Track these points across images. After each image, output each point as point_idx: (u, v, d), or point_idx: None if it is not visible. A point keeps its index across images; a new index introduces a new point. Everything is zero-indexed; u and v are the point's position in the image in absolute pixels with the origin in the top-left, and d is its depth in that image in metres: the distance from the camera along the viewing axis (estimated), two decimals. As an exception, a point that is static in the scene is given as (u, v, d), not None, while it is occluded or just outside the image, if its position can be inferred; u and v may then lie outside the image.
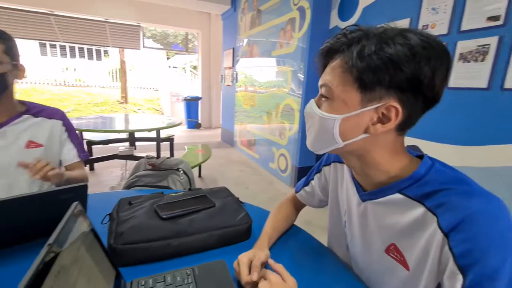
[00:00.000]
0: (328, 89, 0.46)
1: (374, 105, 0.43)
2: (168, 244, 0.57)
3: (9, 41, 0.84)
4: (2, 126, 0.86)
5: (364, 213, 0.54)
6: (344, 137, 0.46)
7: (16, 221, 0.59)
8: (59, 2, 5.21)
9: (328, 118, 0.46)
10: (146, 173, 1.13)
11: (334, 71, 0.45)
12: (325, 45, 0.48)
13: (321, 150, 0.51)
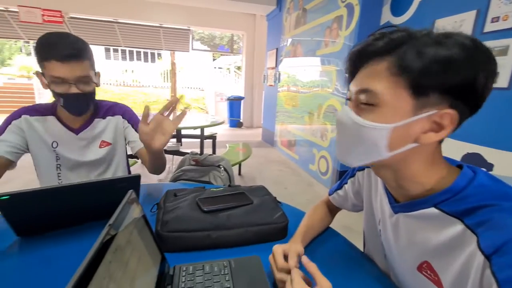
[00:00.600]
0: (373, 95, 0.41)
1: (428, 112, 0.39)
2: (208, 236, 0.61)
3: (91, 52, 0.87)
4: (79, 131, 0.96)
5: (396, 225, 0.50)
6: (391, 148, 0.42)
7: (81, 203, 0.68)
8: (122, 11, 5.81)
9: (374, 128, 0.41)
10: (190, 168, 1.21)
11: (380, 75, 0.41)
12: (360, 46, 0.44)
13: (356, 163, 0.46)
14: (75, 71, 0.81)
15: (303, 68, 3.58)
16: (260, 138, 5.51)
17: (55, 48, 0.78)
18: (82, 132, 0.97)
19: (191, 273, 0.51)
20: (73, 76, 0.81)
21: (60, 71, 0.79)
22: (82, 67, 0.82)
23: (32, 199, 0.61)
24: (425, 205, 0.44)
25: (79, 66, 0.81)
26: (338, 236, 0.72)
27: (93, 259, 0.29)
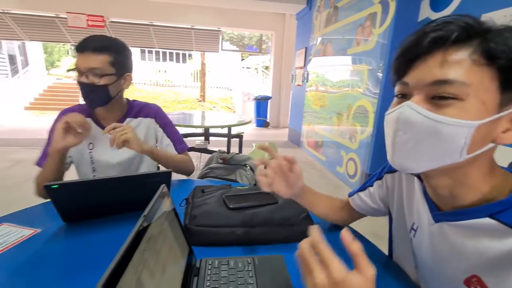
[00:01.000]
0: (456, 86, 0.35)
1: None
2: (233, 232, 0.62)
3: (118, 53, 0.90)
4: None
5: (437, 234, 0.47)
6: (471, 149, 0.37)
7: (118, 195, 0.73)
8: (157, 14, 6.10)
9: (457, 125, 0.35)
10: (217, 166, 1.24)
11: (461, 64, 0.35)
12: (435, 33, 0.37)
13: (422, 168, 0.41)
14: (87, 62, 0.86)
15: (333, 67, 3.49)
16: (286, 139, 5.47)
17: (82, 42, 0.87)
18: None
19: (216, 267, 0.53)
20: (85, 66, 0.86)
21: (77, 61, 0.87)
22: (96, 60, 0.86)
23: (77, 189, 0.68)
24: (478, 214, 0.40)
25: (93, 58, 0.86)
26: (367, 243, 0.70)
27: (130, 246, 0.32)
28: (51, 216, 0.71)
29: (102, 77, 0.88)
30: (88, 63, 0.86)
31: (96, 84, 0.87)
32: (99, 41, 0.88)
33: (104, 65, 0.87)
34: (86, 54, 0.86)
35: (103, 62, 0.87)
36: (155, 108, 1.10)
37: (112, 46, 0.90)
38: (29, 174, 0.89)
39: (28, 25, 6.32)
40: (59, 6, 5.62)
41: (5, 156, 3.60)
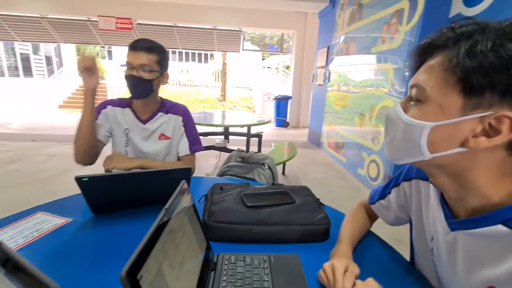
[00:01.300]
0: (421, 90, 0.40)
1: (480, 113, 0.35)
2: (250, 230, 0.63)
3: (162, 54, 1.06)
4: (146, 122, 1.13)
5: (453, 244, 0.45)
6: (433, 148, 0.39)
7: (142, 189, 0.77)
8: (181, 16, 6.27)
9: (414, 125, 0.40)
10: (236, 164, 1.26)
11: (432, 70, 0.39)
12: (425, 40, 0.42)
13: (401, 160, 0.45)
14: (138, 59, 1.01)
15: (356, 66, 3.40)
16: (306, 139, 5.41)
17: (136, 42, 1.03)
18: (148, 122, 1.13)
19: (232, 263, 0.54)
20: (136, 62, 1.01)
21: (130, 57, 1.02)
22: (145, 58, 1.01)
23: (105, 182, 0.72)
24: (491, 221, 0.38)
25: (143, 56, 1.01)
26: (390, 250, 0.67)
27: (152, 237, 0.33)
28: (81, 207, 0.76)
29: (149, 73, 1.03)
30: (140, 60, 1.01)
31: (144, 78, 1.02)
32: (149, 42, 1.04)
33: (152, 63, 1.03)
34: (139, 53, 1.01)
35: (151, 60, 1.03)
36: (184, 108, 1.22)
37: (159, 48, 1.06)
38: (61, 168, 0.95)
39: (63, 28, 6.74)
40: (91, 10, 5.96)
41: (41, 150, 3.87)
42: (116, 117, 1.12)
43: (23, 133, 4.93)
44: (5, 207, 2.20)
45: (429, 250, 0.53)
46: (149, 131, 1.14)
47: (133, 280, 0.27)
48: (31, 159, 3.45)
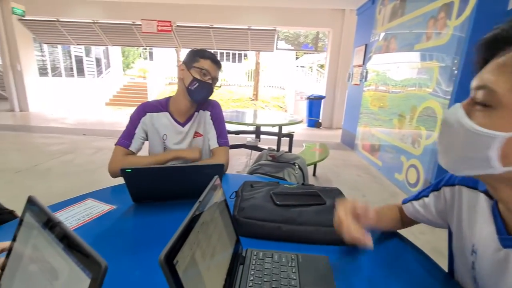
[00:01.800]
0: (490, 93, 0.34)
1: None
2: (278, 228, 0.64)
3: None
4: (184, 124, 1.17)
5: (503, 262, 0.40)
6: (507, 162, 0.33)
7: (178, 182, 0.81)
8: (217, 17, 6.45)
9: (484, 135, 0.33)
10: (266, 163, 1.27)
11: (505, 68, 0.33)
12: (494, 31, 0.36)
13: (461, 172, 0.39)
14: (215, 72, 1.14)
15: (396, 65, 3.21)
16: (339, 140, 5.24)
17: (212, 54, 1.14)
18: (186, 125, 1.17)
19: (260, 259, 0.55)
20: (213, 74, 1.13)
21: (210, 67, 1.12)
22: (218, 73, 1.17)
23: (145, 174, 0.78)
24: None
25: (218, 71, 1.16)
26: (424, 257, 0.63)
27: (187, 226, 0.36)
28: (124, 196, 0.83)
29: (215, 85, 1.17)
30: (216, 74, 1.15)
31: (212, 87, 1.15)
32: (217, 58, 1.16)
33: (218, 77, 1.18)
34: (217, 67, 1.14)
35: (219, 75, 1.18)
36: (214, 102, 1.25)
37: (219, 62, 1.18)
38: (107, 160, 1.04)
39: (111, 32, 7.33)
40: (135, 14, 6.41)
41: (90, 144, 4.27)
42: (154, 124, 1.14)
43: (75, 128, 5.47)
44: (60, 193, 2.47)
45: (469, 264, 0.48)
46: (185, 133, 1.17)
47: (170, 264, 0.30)
48: (81, 151, 3.83)
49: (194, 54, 1.13)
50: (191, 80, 1.09)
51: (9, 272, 0.39)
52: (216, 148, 1.19)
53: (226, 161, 1.17)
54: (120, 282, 0.50)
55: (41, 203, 0.39)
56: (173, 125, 1.15)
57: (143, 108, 1.14)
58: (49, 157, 3.51)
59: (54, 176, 2.92)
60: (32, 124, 5.68)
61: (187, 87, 1.10)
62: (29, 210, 0.40)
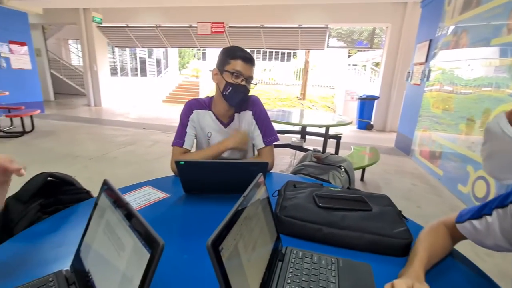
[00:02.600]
0: None
1: None
2: (320, 230, 0.63)
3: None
4: (227, 125, 1.20)
5: None
6: None
7: (224, 177, 0.86)
8: (267, 17, 6.52)
9: None
10: (311, 164, 1.25)
11: None
12: None
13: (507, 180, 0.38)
14: (248, 71, 1.10)
15: (467, 62, 2.83)
16: (392, 144, 4.85)
17: (243, 52, 1.09)
18: (229, 126, 1.20)
19: (300, 258, 0.55)
20: (247, 74, 1.09)
21: (241, 67, 1.08)
22: (252, 71, 1.11)
23: (196, 167, 0.84)
24: None
25: (251, 69, 1.11)
26: (490, 283, 0.56)
27: (232, 217, 0.38)
28: (177, 186, 0.91)
29: (250, 84, 1.13)
30: (250, 72, 1.10)
31: (247, 88, 1.12)
32: (250, 55, 1.11)
33: (253, 75, 1.13)
34: (249, 65, 1.09)
35: (253, 73, 1.12)
36: (253, 99, 1.22)
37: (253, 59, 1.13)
38: (163, 152, 1.15)
39: (170, 34, 7.97)
40: (192, 18, 6.87)
41: (148, 137, 4.72)
42: (200, 121, 1.18)
43: (137, 122, 6.10)
44: (124, 178, 2.80)
45: None
46: (228, 134, 1.19)
47: (216, 250, 0.33)
48: (141, 143, 4.26)
49: (225, 55, 1.10)
50: (224, 85, 1.09)
51: (89, 239, 0.47)
52: (262, 148, 1.20)
53: (271, 161, 1.18)
54: (170, 264, 0.55)
55: (113, 185, 0.46)
56: (216, 125, 1.19)
57: (189, 106, 1.20)
58: (115, 147, 3.99)
59: (119, 163, 3.31)
60: (103, 118, 6.51)
61: (222, 92, 1.11)
62: (104, 190, 0.47)
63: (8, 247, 0.60)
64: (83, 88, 9.55)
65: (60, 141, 4.22)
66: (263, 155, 1.20)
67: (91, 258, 0.44)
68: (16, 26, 6.06)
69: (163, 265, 0.52)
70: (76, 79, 11.11)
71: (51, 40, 10.49)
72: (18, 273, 0.51)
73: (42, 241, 0.62)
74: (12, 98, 5.34)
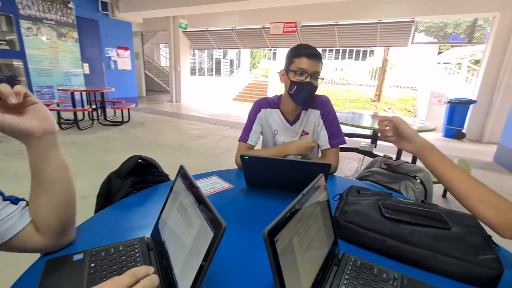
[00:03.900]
0: None
1: None
2: (383, 241, 0.58)
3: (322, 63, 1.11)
4: (293, 123, 1.21)
5: None
6: None
7: (286, 174, 0.88)
8: (343, 14, 6.21)
9: None
10: (379, 171, 1.15)
11: None
12: None
13: None
14: (313, 67, 1.07)
15: None
16: (490, 159, 4.04)
17: (307, 49, 1.08)
18: (295, 124, 1.21)
19: (358, 267, 0.53)
20: (312, 70, 1.07)
21: (305, 64, 1.06)
22: (317, 66, 1.08)
23: (260, 162, 0.89)
24: None
25: (316, 65, 1.08)
26: None
27: (289, 212, 0.40)
28: (240, 179, 0.97)
29: (317, 80, 1.10)
30: (316, 68, 1.08)
31: (314, 85, 1.10)
32: (316, 50, 1.08)
33: (320, 71, 1.10)
34: (315, 61, 1.07)
35: (320, 68, 1.09)
36: (322, 99, 1.21)
37: (320, 55, 1.10)
38: (230, 146, 1.24)
39: (244, 36, 8.39)
40: (265, 19, 7.07)
41: (218, 132, 5.10)
42: (267, 119, 1.23)
43: (209, 118, 6.65)
44: (195, 167, 3.11)
45: None
46: (295, 132, 1.21)
47: (272, 240, 0.34)
48: (212, 137, 4.63)
49: (289, 56, 1.11)
50: (290, 84, 1.10)
51: (165, 215, 0.55)
52: (327, 149, 1.18)
53: (335, 163, 1.15)
54: (228, 251, 0.60)
55: (187, 171, 0.52)
56: (283, 123, 1.21)
57: (258, 104, 1.25)
58: (190, 139, 4.45)
59: (192, 154, 3.69)
60: (182, 113, 7.32)
61: (288, 92, 1.13)
62: (180, 174, 0.54)
63: (108, 212, 0.74)
64: (167, 86, 10.92)
65: (148, 131, 4.94)
66: (327, 157, 1.17)
67: (166, 231, 0.52)
68: (122, 34, 7.35)
69: (222, 251, 0.57)
70: (163, 78, 12.77)
71: (147, 45, 12.34)
72: (113, 234, 0.64)
73: (131, 211, 0.75)
74: (116, 94, 6.51)
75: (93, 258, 0.52)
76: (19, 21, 5.08)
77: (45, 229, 0.53)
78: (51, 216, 0.53)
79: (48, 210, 0.52)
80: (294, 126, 1.21)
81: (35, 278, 0.48)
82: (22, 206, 0.52)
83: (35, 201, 0.53)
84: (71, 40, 5.96)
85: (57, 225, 0.54)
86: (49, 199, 0.52)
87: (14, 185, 2.46)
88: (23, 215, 0.51)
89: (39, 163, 0.51)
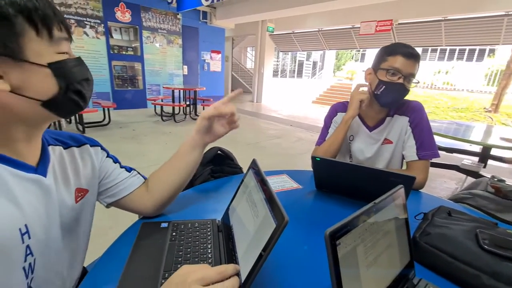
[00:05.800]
0: None
1: None
2: (477, 276, 0.48)
3: (419, 63, 0.99)
4: (373, 129, 1.11)
5: None
6: None
7: (360, 182, 0.81)
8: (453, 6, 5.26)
9: None
10: (483, 195, 0.94)
11: None
12: None
13: None
14: (409, 68, 0.96)
15: None
16: None
17: (405, 47, 0.97)
18: (375, 130, 1.11)
19: (437, 298, 0.45)
20: (407, 71, 0.96)
21: (400, 64, 0.96)
22: (414, 68, 0.97)
23: (331, 165, 0.86)
24: None
25: (413, 66, 0.96)
26: None
27: (355, 218, 0.38)
28: (310, 181, 0.96)
29: (410, 83, 0.98)
30: (412, 69, 0.96)
31: (406, 88, 0.98)
32: (415, 50, 0.97)
33: (415, 73, 0.98)
34: (412, 61, 0.96)
35: (415, 70, 0.98)
36: (414, 105, 1.07)
37: (418, 56, 0.98)
38: (305, 149, 1.23)
39: (330, 37, 8.11)
40: (355, 18, 6.64)
41: (294, 133, 5.11)
42: None
43: (286, 119, 6.71)
44: (268, 165, 3.21)
45: None
46: (374, 139, 1.10)
47: (333, 243, 0.34)
48: (287, 138, 4.68)
49: (382, 53, 1.01)
50: (377, 83, 1.00)
51: (235, 202, 0.60)
52: (414, 161, 1.03)
53: (423, 178, 0.99)
54: (291, 250, 0.60)
55: (259, 165, 0.56)
56: (360, 128, 1.13)
57: (334, 108, 1.19)
58: (266, 138, 4.61)
59: (266, 152, 3.82)
60: (261, 112, 7.63)
61: (374, 92, 1.03)
62: (252, 167, 0.58)
63: (189, 193, 0.85)
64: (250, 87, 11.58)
65: (229, 128, 5.37)
66: (413, 169, 1.03)
67: (234, 217, 0.57)
68: (216, 39, 8.21)
69: (284, 249, 0.58)
70: (246, 79, 13.60)
71: (236, 48, 13.38)
72: (191, 212, 0.73)
73: (208, 195, 0.84)
74: (206, 92, 7.33)
75: (175, 228, 0.62)
76: (142, 31, 6.32)
77: (157, 198, 0.66)
78: (166, 190, 0.67)
79: (168, 185, 0.67)
80: (373, 132, 1.11)
81: (133, 235, 0.60)
82: (134, 174, 0.68)
83: (162, 175, 0.68)
84: (176, 46, 7.07)
85: (166, 198, 0.67)
86: (173, 178, 0.67)
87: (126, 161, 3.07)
88: (134, 181, 0.66)
89: (188, 151, 0.68)
